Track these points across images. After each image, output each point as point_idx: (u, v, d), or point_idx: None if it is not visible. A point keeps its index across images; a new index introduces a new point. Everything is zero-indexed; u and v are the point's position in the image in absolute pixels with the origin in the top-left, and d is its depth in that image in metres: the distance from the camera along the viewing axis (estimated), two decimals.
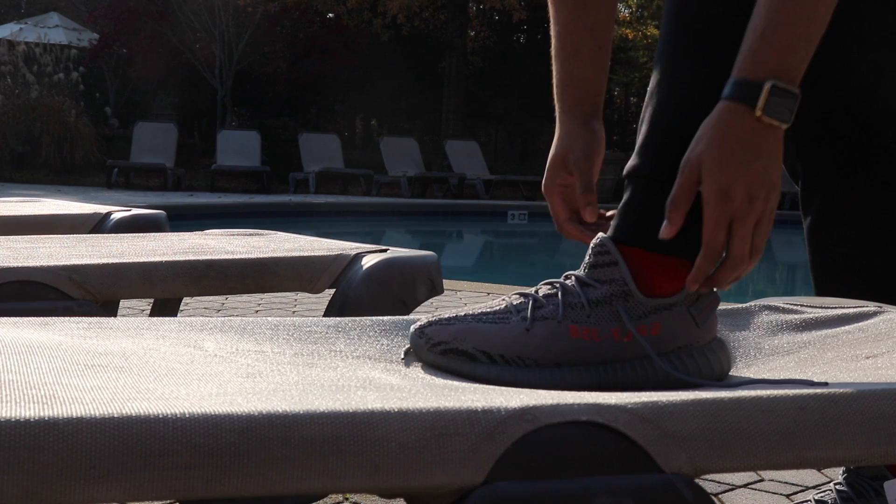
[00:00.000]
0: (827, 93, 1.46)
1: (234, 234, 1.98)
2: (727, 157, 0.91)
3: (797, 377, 0.96)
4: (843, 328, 1.14)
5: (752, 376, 1.01)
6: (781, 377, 0.98)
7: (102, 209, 2.27)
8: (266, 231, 2.05)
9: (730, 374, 1.01)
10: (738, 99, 0.91)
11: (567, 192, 1.16)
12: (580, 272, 0.98)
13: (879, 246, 1.45)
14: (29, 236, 1.86)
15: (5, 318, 1.05)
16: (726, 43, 0.97)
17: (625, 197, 1.00)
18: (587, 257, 0.99)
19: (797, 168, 1.53)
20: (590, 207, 1.12)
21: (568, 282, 0.98)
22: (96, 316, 1.27)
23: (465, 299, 4.29)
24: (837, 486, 1.51)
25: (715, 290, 0.99)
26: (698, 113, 0.96)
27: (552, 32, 1.20)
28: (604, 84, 1.21)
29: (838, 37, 1.43)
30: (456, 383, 0.89)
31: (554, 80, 1.20)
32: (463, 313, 0.99)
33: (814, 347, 1.10)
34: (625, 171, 1.01)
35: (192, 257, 1.55)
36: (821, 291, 1.51)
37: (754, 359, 1.10)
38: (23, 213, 2.27)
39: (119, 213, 2.19)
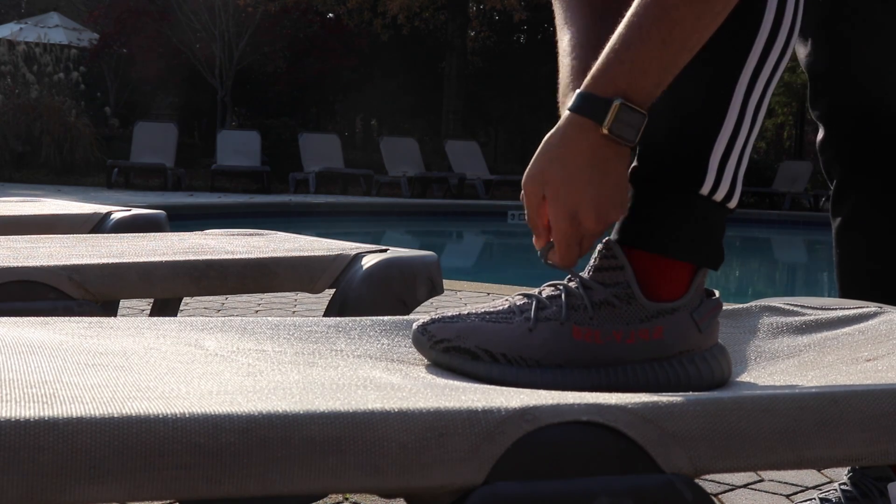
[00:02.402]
0: (857, 95, 1.46)
1: (234, 234, 1.98)
2: (575, 179, 0.91)
3: (797, 381, 0.96)
4: (843, 330, 1.14)
5: (752, 380, 1.01)
6: (782, 381, 0.98)
7: (102, 209, 2.26)
8: (266, 231, 2.05)
9: (730, 378, 1.01)
10: (585, 113, 0.91)
11: None
12: (584, 274, 0.98)
13: None
14: (29, 236, 1.86)
15: (5, 317, 1.05)
16: (725, 42, 0.97)
17: (629, 200, 1.00)
18: (592, 259, 0.99)
19: (833, 169, 1.53)
20: None
21: (571, 284, 0.98)
22: (96, 316, 1.27)
23: (465, 299, 4.29)
24: (842, 486, 1.51)
25: (717, 295, 0.99)
26: (699, 112, 0.96)
27: (565, 42, 1.16)
28: None
29: (861, 38, 1.44)
30: (456, 383, 0.89)
31: (560, 77, 1.17)
32: (466, 312, 0.99)
33: (814, 350, 1.10)
34: (629, 173, 1.01)
35: (192, 257, 1.55)
36: (845, 292, 1.51)
37: (755, 361, 1.10)
38: (23, 213, 2.27)
39: (119, 213, 2.19)
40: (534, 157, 0.93)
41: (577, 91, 0.92)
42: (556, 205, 0.92)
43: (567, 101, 1.05)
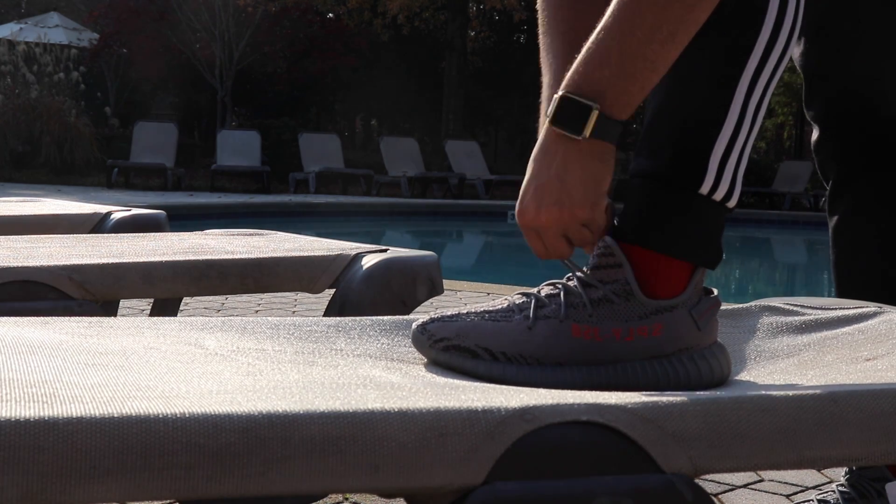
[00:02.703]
0: (852, 95, 1.47)
1: (234, 234, 1.98)
2: (528, 169, 0.95)
3: (797, 381, 0.97)
4: (842, 329, 1.14)
5: (751, 380, 1.01)
6: (782, 381, 0.98)
7: (102, 209, 2.26)
8: (266, 231, 2.05)
9: (729, 377, 1.01)
10: (547, 111, 0.94)
11: None
12: (582, 272, 0.98)
13: None
14: (29, 236, 1.86)
15: (5, 317, 1.05)
16: (727, 41, 0.97)
17: (629, 197, 1.00)
18: (591, 258, 0.99)
19: (829, 169, 1.54)
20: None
21: (570, 282, 0.98)
22: (96, 316, 1.27)
23: (465, 299, 4.29)
24: (840, 487, 1.51)
25: (715, 293, 0.99)
26: (700, 112, 0.96)
27: (544, 79, 1.13)
28: None
29: (856, 38, 1.44)
30: (456, 382, 0.89)
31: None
32: (465, 311, 0.99)
33: (813, 350, 1.10)
34: (630, 172, 1.01)
35: (192, 257, 1.55)
36: (842, 292, 1.51)
37: (754, 361, 1.10)
38: (23, 213, 2.27)
39: (119, 213, 2.19)
40: None
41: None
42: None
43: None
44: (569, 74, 0.93)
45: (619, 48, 0.90)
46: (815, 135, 1.54)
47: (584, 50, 0.92)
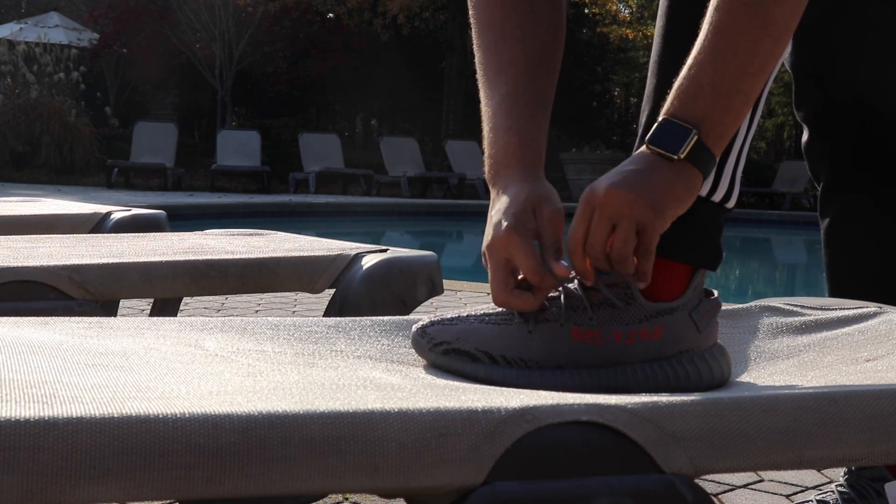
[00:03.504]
0: (841, 95, 1.47)
1: (234, 234, 1.98)
2: (614, 177, 0.92)
3: (797, 381, 0.97)
4: (842, 330, 1.14)
5: (752, 380, 1.01)
6: (782, 381, 0.98)
7: (102, 209, 2.26)
8: (266, 231, 2.05)
9: (730, 378, 1.01)
10: (642, 136, 0.95)
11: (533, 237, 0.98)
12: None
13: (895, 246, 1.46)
14: (29, 236, 1.86)
15: (5, 317, 1.05)
16: None
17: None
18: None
19: (820, 170, 1.54)
20: (561, 263, 0.96)
21: (570, 285, 0.98)
22: (96, 316, 1.27)
23: (465, 299, 4.29)
24: (839, 488, 1.51)
25: (716, 295, 0.99)
26: None
27: (489, 101, 1.06)
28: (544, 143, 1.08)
29: (846, 39, 1.44)
30: (456, 383, 0.89)
31: (496, 144, 1.03)
32: (465, 314, 0.99)
33: (813, 350, 1.10)
34: None
35: (192, 257, 1.55)
36: (835, 292, 1.51)
37: (754, 362, 1.10)
38: (23, 213, 2.27)
39: (119, 213, 2.19)
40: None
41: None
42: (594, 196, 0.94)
43: (506, 177, 0.99)
44: (665, 105, 0.93)
45: (713, 83, 0.91)
46: (805, 135, 1.55)
47: (676, 85, 0.93)
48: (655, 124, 0.92)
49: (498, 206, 0.98)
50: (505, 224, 0.95)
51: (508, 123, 1.03)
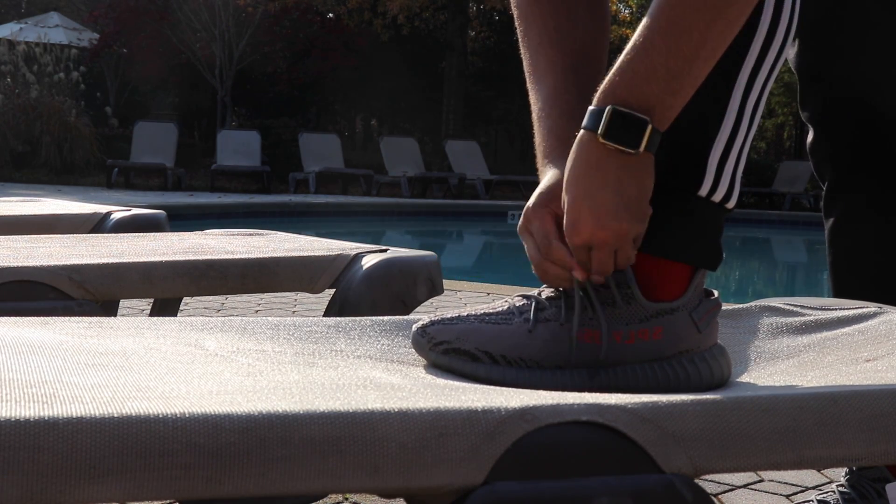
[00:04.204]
0: (845, 96, 1.46)
1: (234, 234, 1.98)
2: (572, 187, 0.92)
3: (797, 381, 0.97)
4: (842, 330, 1.14)
5: (752, 380, 1.01)
6: (782, 381, 0.98)
7: (102, 209, 2.26)
8: (266, 231, 2.05)
9: (730, 378, 1.01)
10: (586, 126, 0.91)
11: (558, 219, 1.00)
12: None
13: None
14: (29, 236, 1.86)
15: (5, 317, 1.05)
16: None
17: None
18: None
19: (825, 170, 1.54)
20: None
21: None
22: (96, 316, 1.27)
23: (465, 299, 4.29)
24: (840, 488, 1.51)
25: (716, 295, 0.99)
26: (697, 113, 0.96)
27: (535, 104, 1.10)
28: None
29: (851, 39, 1.44)
30: (456, 383, 0.89)
31: (540, 145, 1.08)
32: (465, 314, 0.99)
33: (813, 350, 1.10)
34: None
35: (192, 257, 1.55)
36: (839, 292, 1.51)
37: (754, 362, 1.10)
38: (23, 213, 2.27)
39: (119, 213, 2.19)
40: None
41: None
42: (565, 214, 0.92)
43: (545, 169, 1.03)
44: (607, 87, 0.91)
45: (667, 65, 0.89)
46: (810, 136, 1.55)
47: (624, 64, 0.91)
48: (607, 113, 0.89)
49: (537, 190, 1.02)
50: (530, 204, 1.00)
51: (549, 125, 1.06)
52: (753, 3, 0.92)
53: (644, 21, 0.91)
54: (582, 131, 0.92)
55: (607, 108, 0.90)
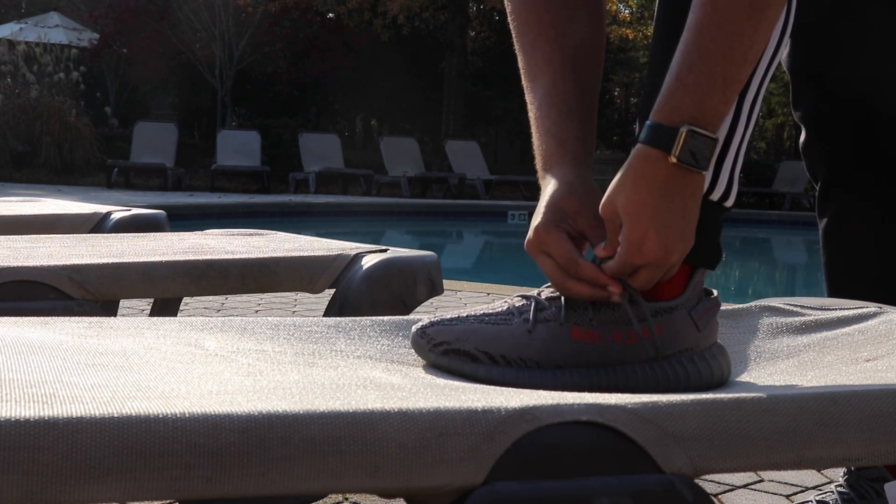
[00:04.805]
0: (838, 96, 1.47)
1: (234, 234, 1.98)
2: (641, 208, 0.89)
3: (797, 381, 0.96)
4: (842, 330, 1.14)
5: (752, 380, 1.01)
6: (782, 381, 0.98)
7: (102, 209, 2.26)
8: (266, 231, 2.05)
9: (730, 378, 1.01)
10: (654, 144, 0.89)
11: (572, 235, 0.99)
12: None
13: (894, 246, 1.46)
14: (29, 236, 1.86)
15: (5, 317, 1.05)
16: None
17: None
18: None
19: (818, 170, 1.54)
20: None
21: None
22: (96, 316, 1.27)
23: (465, 299, 4.29)
24: (839, 488, 1.51)
25: (715, 294, 0.99)
26: None
27: (531, 104, 1.09)
28: (594, 141, 1.09)
29: (844, 39, 1.44)
30: (456, 383, 0.89)
31: (539, 148, 1.06)
32: (465, 314, 0.99)
33: (813, 350, 1.10)
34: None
35: (192, 257, 1.55)
36: (834, 292, 1.51)
37: (754, 362, 1.10)
38: (23, 213, 2.27)
39: (119, 213, 2.19)
40: (609, 187, 0.92)
41: (646, 122, 0.90)
42: (624, 230, 0.90)
43: (546, 178, 1.02)
44: (672, 103, 0.89)
45: (724, 73, 0.88)
46: (802, 136, 1.55)
47: (684, 77, 0.89)
48: (681, 135, 0.88)
49: (538, 205, 1.00)
50: (537, 221, 0.97)
51: (547, 126, 1.05)
52: (784, 2, 0.92)
53: (691, 33, 0.90)
54: (647, 148, 0.90)
55: (682, 129, 0.88)
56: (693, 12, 0.91)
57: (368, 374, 0.87)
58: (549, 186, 1.01)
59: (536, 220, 0.98)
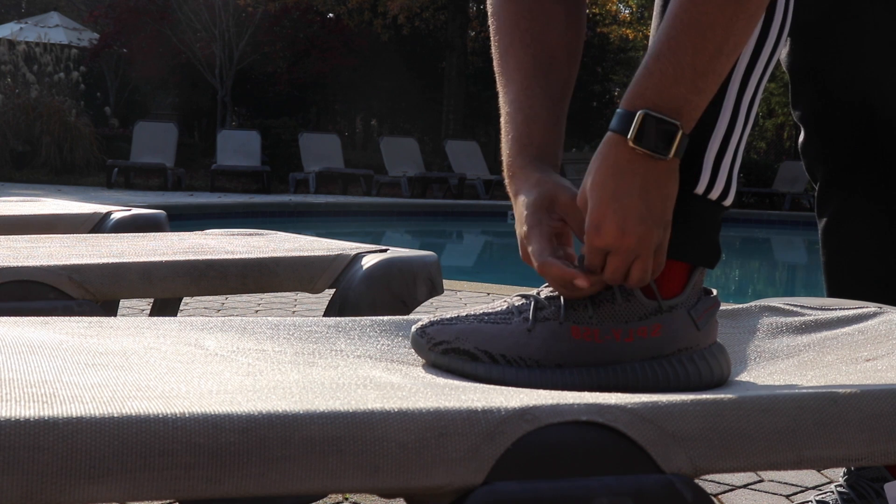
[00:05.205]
0: (837, 95, 1.47)
1: (234, 234, 1.98)
2: (600, 190, 0.90)
3: (797, 381, 0.97)
4: (842, 330, 1.14)
5: (752, 380, 1.01)
6: (782, 381, 0.98)
7: (102, 209, 2.26)
8: (266, 231, 2.05)
9: (729, 378, 1.01)
10: (615, 129, 0.90)
11: (551, 233, 1.00)
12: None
13: (893, 246, 1.46)
14: (29, 236, 1.86)
15: (5, 317, 1.05)
16: None
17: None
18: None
19: (816, 170, 1.54)
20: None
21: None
22: (96, 316, 1.27)
23: (465, 299, 4.29)
24: (839, 488, 1.51)
25: (715, 293, 0.99)
26: None
27: (503, 106, 1.09)
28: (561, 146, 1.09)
29: (844, 39, 1.44)
30: (456, 383, 0.89)
31: (506, 151, 1.07)
32: (465, 314, 0.99)
33: (813, 350, 1.10)
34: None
35: (192, 257, 1.55)
36: (833, 292, 1.51)
37: (754, 361, 1.10)
38: (23, 213, 2.27)
39: (119, 213, 2.19)
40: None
41: (616, 109, 0.92)
42: (587, 216, 0.91)
43: (513, 185, 1.02)
44: (636, 90, 0.90)
45: (693, 64, 0.89)
46: (801, 136, 1.55)
47: (651, 66, 0.90)
48: (637, 118, 0.89)
49: (516, 215, 1.02)
50: (522, 230, 0.99)
51: (514, 134, 1.06)
52: None
53: (666, 22, 0.91)
54: (610, 133, 0.91)
55: (639, 113, 0.89)
56: (671, 2, 0.91)
57: (368, 374, 0.87)
58: (519, 195, 1.02)
59: (518, 230, 1.00)
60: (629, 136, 0.89)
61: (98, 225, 2.18)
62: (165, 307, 1.97)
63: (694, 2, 0.89)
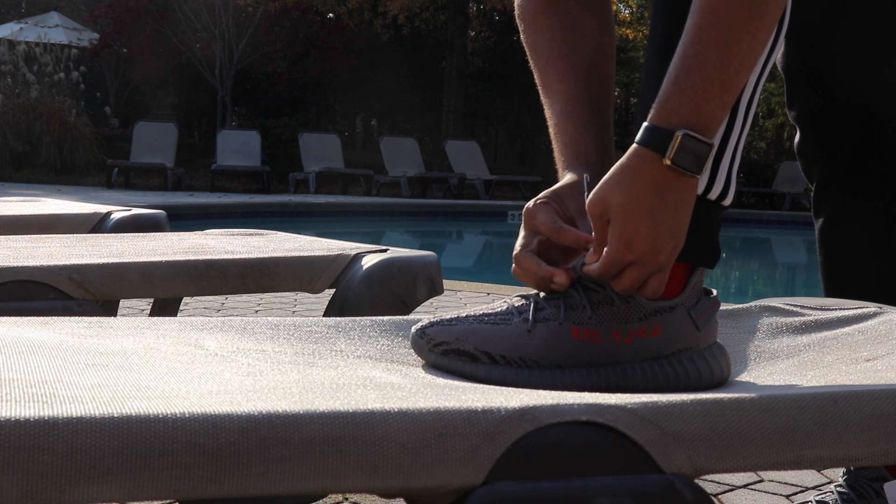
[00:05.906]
0: (834, 95, 1.47)
1: (234, 234, 1.98)
2: (634, 206, 0.90)
3: (797, 381, 0.97)
4: (842, 330, 1.14)
5: (752, 380, 1.01)
6: (782, 381, 0.98)
7: (102, 209, 2.26)
8: (266, 231, 2.05)
9: (729, 378, 1.01)
10: (649, 145, 0.90)
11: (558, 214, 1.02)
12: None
13: (890, 246, 1.46)
14: (29, 236, 1.86)
15: (5, 317, 1.05)
16: None
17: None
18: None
19: (813, 170, 1.54)
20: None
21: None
22: (96, 316, 1.27)
23: (465, 299, 4.29)
24: (838, 488, 1.51)
25: (715, 293, 0.99)
26: None
27: (549, 119, 1.12)
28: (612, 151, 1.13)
29: (844, 40, 1.44)
30: (456, 383, 0.89)
31: (558, 159, 1.10)
32: (464, 314, 0.99)
33: (813, 350, 1.10)
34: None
35: (192, 257, 1.55)
36: (830, 292, 1.51)
37: (754, 361, 1.10)
38: (23, 213, 2.27)
39: (119, 213, 2.19)
40: (598, 185, 0.93)
41: (644, 124, 0.92)
42: (613, 227, 0.91)
43: (564, 178, 1.05)
44: (670, 106, 0.90)
45: (721, 79, 0.89)
46: (797, 136, 1.55)
47: (681, 82, 0.90)
48: (676, 139, 0.89)
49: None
50: (517, 248, 1.01)
51: (566, 140, 1.09)
52: (783, 7, 0.92)
53: (691, 37, 0.91)
54: (642, 149, 0.91)
55: (678, 133, 0.89)
56: (692, 16, 0.91)
57: (368, 374, 0.87)
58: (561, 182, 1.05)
59: (516, 247, 1.01)
60: (668, 156, 0.89)
61: (98, 225, 2.18)
62: (165, 307, 1.97)
63: (719, 17, 0.89)
